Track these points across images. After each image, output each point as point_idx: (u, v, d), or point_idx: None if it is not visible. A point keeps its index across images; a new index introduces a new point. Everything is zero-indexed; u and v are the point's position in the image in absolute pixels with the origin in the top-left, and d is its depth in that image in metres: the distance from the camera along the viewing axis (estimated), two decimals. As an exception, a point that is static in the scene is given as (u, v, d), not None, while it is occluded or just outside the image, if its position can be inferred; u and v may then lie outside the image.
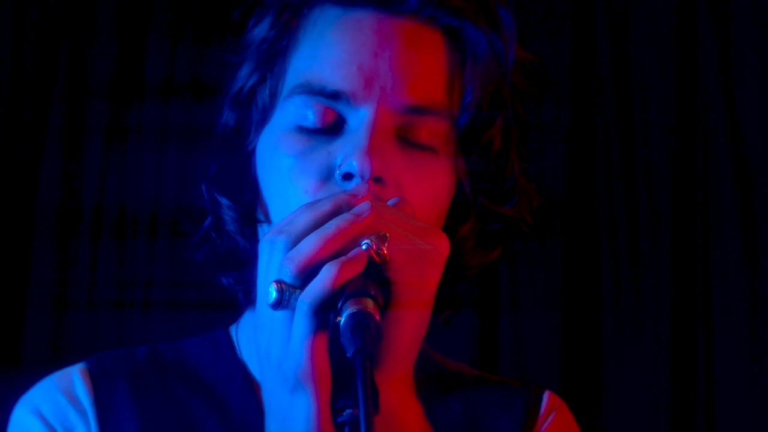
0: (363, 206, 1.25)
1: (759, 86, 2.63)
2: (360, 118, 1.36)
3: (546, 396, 1.54)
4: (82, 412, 1.43)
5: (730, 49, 2.64)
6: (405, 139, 1.38)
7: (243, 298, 1.51)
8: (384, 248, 1.22)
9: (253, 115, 1.45)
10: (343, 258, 1.20)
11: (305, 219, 1.25)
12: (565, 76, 2.67)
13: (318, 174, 1.36)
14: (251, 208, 1.45)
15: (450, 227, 1.43)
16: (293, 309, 1.21)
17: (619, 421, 2.58)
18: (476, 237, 1.47)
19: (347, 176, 1.34)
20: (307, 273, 1.21)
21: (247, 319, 1.54)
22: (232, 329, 1.55)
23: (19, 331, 2.52)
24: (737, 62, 2.64)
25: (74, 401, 1.43)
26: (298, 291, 1.21)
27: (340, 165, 1.34)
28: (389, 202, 1.31)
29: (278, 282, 1.21)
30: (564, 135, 2.65)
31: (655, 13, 2.68)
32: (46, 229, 2.54)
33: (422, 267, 1.24)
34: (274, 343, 1.23)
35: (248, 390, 1.47)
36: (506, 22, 1.43)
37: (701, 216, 2.62)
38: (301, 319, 1.20)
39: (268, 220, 1.41)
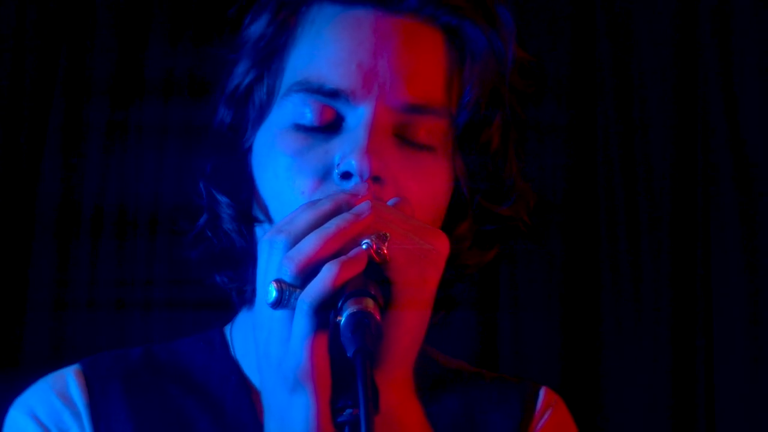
0: (363, 206, 1.25)
1: (759, 86, 2.62)
2: (359, 117, 1.36)
3: (542, 392, 1.53)
4: (76, 414, 1.43)
5: (731, 49, 2.64)
6: (403, 138, 1.38)
7: (237, 297, 1.51)
8: (384, 248, 1.21)
9: (249, 113, 1.44)
10: (343, 257, 1.20)
11: (305, 218, 1.24)
12: (565, 76, 2.66)
13: (315, 173, 1.35)
14: (248, 207, 1.45)
15: (447, 226, 1.43)
16: (293, 308, 1.20)
17: (619, 421, 2.58)
18: (473, 237, 1.47)
19: (346, 175, 1.33)
20: (307, 272, 1.21)
21: (241, 319, 1.53)
22: (227, 329, 1.55)
23: (19, 331, 2.52)
24: (737, 62, 2.64)
25: (69, 403, 1.43)
26: (297, 290, 1.20)
27: (338, 164, 1.34)
28: (389, 202, 1.31)
29: (278, 281, 1.21)
30: (564, 135, 2.65)
31: (656, 13, 2.68)
32: (46, 229, 2.54)
33: (422, 266, 1.23)
34: (273, 343, 1.23)
35: (242, 390, 1.47)
36: (505, 21, 1.43)
37: (701, 216, 2.61)
38: (301, 319, 1.19)
39: (266, 219, 1.41)
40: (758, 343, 2.56)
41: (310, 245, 1.21)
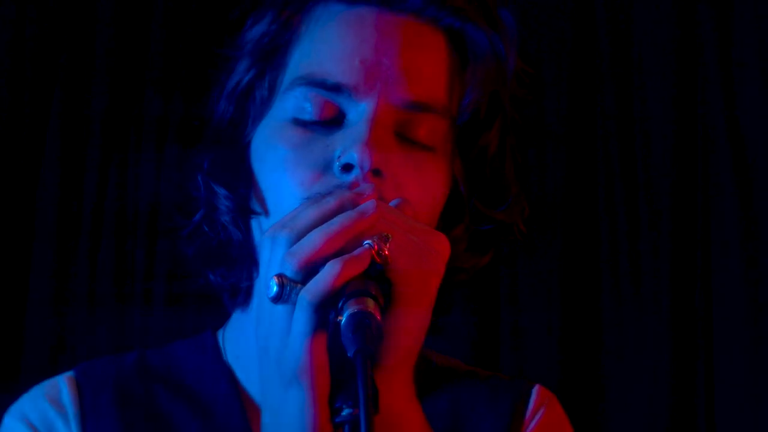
0: (368, 204, 1.25)
1: (759, 86, 2.63)
2: (360, 112, 1.36)
3: (535, 390, 1.52)
4: (67, 421, 1.44)
5: (731, 48, 2.65)
6: (404, 136, 1.39)
7: (229, 300, 1.51)
8: (385, 249, 1.22)
9: (250, 108, 1.45)
10: (346, 256, 1.21)
11: (309, 215, 1.25)
12: (565, 76, 2.67)
13: (315, 166, 1.36)
14: (246, 199, 1.45)
15: (443, 228, 1.43)
16: (293, 304, 1.21)
17: (619, 421, 2.58)
18: (469, 240, 1.47)
19: (347, 167, 1.34)
20: (309, 269, 1.21)
21: (234, 322, 1.54)
22: (219, 333, 1.55)
23: (20, 330, 2.52)
24: (737, 62, 2.64)
25: (60, 409, 1.45)
26: (299, 286, 1.21)
27: (339, 156, 1.34)
28: (391, 203, 1.31)
29: (279, 276, 1.21)
30: (564, 135, 2.65)
31: (656, 12, 2.69)
32: (46, 229, 2.54)
33: (423, 269, 1.24)
34: (272, 338, 1.23)
35: (233, 395, 1.47)
36: (508, 24, 1.44)
37: (701, 216, 2.62)
38: (301, 315, 1.20)
39: (263, 212, 1.41)
40: (758, 343, 2.56)
41: (313, 242, 1.22)
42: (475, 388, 1.53)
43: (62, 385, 1.47)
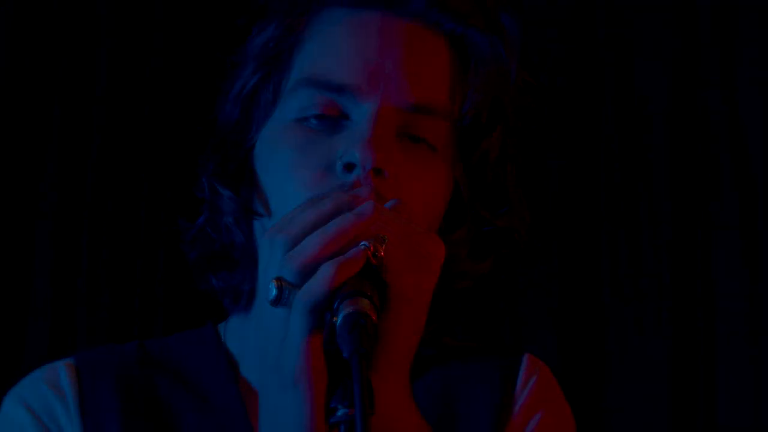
0: (365, 206, 1.26)
1: (759, 86, 2.62)
2: (363, 112, 1.38)
3: (525, 360, 1.53)
4: (66, 405, 1.45)
5: (731, 48, 2.64)
6: (406, 138, 1.40)
7: (229, 304, 1.52)
8: (381, 250, 1.22)
9: (255, 112, 1.47)
10: (341, 257, 1.21)
11: (305, 218, 1.26)
12: (565, 77, 2.67)
13: (318, 167, 1.37)
14: (249, 201, 1.46)
15: (444, 231, 1.44)
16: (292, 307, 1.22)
17: (620, 421, 2.58)
18: (470, 245, 1.48)
19: (349, 166, 1.35)
20: (308, 272, 1.22)
21: (235, 321, 1.55)
22: (220, 326, 1.57)
23: (20, 330, 2.52)
24: (737, 62, 2.64)
25: (59, 393, 1.46)
26: (298, 289, 1.21)
27: (341, 156, 1.35)
28: (387, 205, 1.31)
29: (278, 279, 1.22)
30: (564, 136, 2.65)
31: (656, 13, 2.68)
32: (46, 229, 2.54)
33: (418, 271, 1.25)
34: (271, 341, 1.24)
35: (231, 384, 1.48)
36: (510, 29, 1.46)
37: (701, 216, 2.62)
38: (297, 318, 1.21)
39: (266, 213, 1.43)
40: (759, 343, 2.56)
41: (311, 245, 1.23)
42: (465, 364, 1.53)
43: (61, 370, 1.48)
